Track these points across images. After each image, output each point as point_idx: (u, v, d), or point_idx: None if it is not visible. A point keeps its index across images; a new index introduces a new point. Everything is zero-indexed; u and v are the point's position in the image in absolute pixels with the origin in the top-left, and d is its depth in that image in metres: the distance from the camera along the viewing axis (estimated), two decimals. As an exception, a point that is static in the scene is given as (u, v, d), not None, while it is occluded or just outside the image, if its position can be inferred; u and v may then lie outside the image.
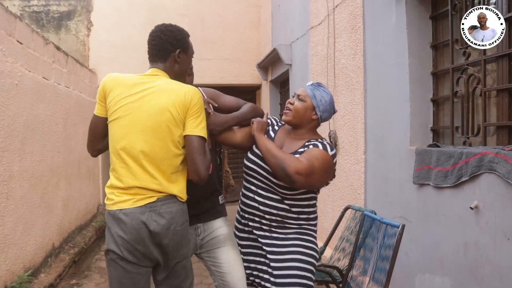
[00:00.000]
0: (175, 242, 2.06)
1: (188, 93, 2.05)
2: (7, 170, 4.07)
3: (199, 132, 2.04)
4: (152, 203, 2.01)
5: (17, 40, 4.43)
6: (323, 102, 2.29)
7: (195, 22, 8.78)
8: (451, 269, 2.80)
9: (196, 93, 2.07)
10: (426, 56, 3.31)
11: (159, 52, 2.15)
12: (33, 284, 4.37)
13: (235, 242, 2.45)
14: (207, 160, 2.05)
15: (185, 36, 2.20)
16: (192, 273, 2.23)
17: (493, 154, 2.40)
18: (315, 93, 2.30)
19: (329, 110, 2.31)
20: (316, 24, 5.22)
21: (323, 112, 2.30)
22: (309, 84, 2.35)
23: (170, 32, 2.15)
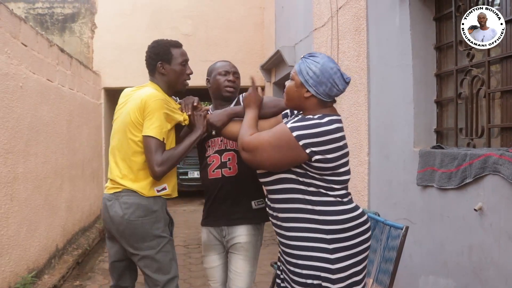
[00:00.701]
0: (131, 232, 2.33)
1: (144, 99, 2.32)
2: (12, 171, 4.08)
3: (149, 132, 2.28)
4: (117, 193, 2.36)
5: (22, 42, 4.45)
6: (311, 75, 1.95)
7: (199, 24, 8.80)
8: (455, 271, 2.79)
9: (150, 98, 2.31)
10: (430, 57, 3.30)
11: (148, 67, 2.52)
12: (36, 285, 4.38)
13: (251, 253, 2.45)
14: (157, 157, 2.25)
15: (167, 48, 2.44)
16: (173, 270, 2.38)
17: (497, 156, 2.39)
18: (301, 67, 1.99)
19: (324, 81, 1.93)
20: (319, 26, 5.22)
21: (316, 86, 1.94)
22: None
23: (152, 48, 2.48)
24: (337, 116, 2.00)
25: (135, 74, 8.21)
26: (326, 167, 1.91)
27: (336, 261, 1.89)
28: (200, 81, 8.88)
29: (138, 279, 2.70)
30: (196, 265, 5.26)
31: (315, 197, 1.92)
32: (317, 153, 1.88)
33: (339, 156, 1.94)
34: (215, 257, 2.65)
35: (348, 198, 2.00)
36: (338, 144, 1.93)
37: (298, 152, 1.87)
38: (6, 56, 4.03)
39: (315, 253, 1.91)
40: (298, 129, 1.88)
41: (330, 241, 1.90)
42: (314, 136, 1.88)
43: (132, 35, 8.60)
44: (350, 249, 1.92)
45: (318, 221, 1.91)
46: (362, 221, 1.98)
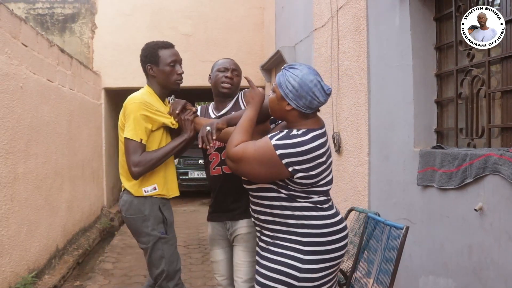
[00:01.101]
0: (128, 226, 2.55)
1: (125, 103, 2.47)
2: (12, 172, 4.08)
3: (126, 134, 2.41)
4: (123, 190, 2.56)
5: (22, 42, 4.45)
6: (290, 89, 1.93)
7: (198, 24, 8.80)
8: (455, 271, 2.79)
9: (128, 102, 2.45)
10: (430, 57, 3.30)
11: (143, 70, 2.59)
12: (37, 285, 4.39)
13: (251, 244, 2.48)
14: (134, 158, 2.37)
15: (154, 51, 2.50)
16: (163, 266, 2.48)
17: (498, 156, 2.39)
18: (281, 80, 1.97)
19: (303, 95, 1.92)
20: (319, 26, 5.22)
21: (296, 100, 1.93)
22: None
23: (142, 51, 2.55)
24: (319, 129, 2.01)
25: (135, 74, 8.21)
26: (309, 183, 1.96)
27: (307, 262, 1.94)
28: (199, 81, 8.94)
29: (138, 279, 2.71)
30: (196, 265, 5.26)
31: (293, 203, 1.97)
32: (300, 170, 1.92)
33: (322, 171, 1.98)
34: (220, 251, 2.71)
35: (328, 205, 2.03)
36: (321, 159, 1.96)
37: (281, 170, 1.91)
38: (6, 56, 4.03)
39: (288, 252, 1.96)
40: (281, 148, 1.90)
41: (305, 244, 1.95)
42: (297, 155, 1.90)
43: (132, 35, 8.60)
44: (324, 253, 1.97)
45: (295, 225, 1.97)
46: (338, 228, 2.01)
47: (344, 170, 4.54)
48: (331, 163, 2.07)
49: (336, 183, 4.74)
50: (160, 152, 2.44)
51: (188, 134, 2.49)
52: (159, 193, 2.50)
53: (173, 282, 2.52)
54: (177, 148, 2.49)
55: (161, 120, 2.47)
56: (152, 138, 2.48)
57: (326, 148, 2.00)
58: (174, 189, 2.62)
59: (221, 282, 2.73)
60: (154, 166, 2.44)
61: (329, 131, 4.74)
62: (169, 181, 2.57)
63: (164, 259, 2.49)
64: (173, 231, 2.59)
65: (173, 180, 2.60)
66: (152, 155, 2.42)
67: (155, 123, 2.45)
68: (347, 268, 3.22)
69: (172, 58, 2.51)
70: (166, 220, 2.52)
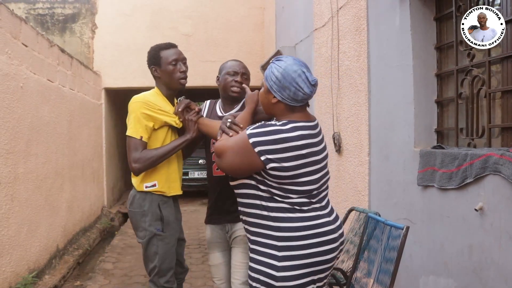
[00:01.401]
0: (130, 218, 2.65)
1: (129, 103, 2.54)
2: (12, 172, 4.09)
3: (127, 132, 2.51)
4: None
5: (22, 43, 4.45)
6: (274, 80, 1.91)
7: (199, 24, 8.80)
8: (456, 271, 2.79)
9: (131, 101, 2.53)
10: (430, 57, 3.30)
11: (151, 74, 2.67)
12: (37, 285, 4.39)
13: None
14: (134, 154, 2.45)
15: (156, 52, 2.59)
16: (156, 261, 2.54)
17: (498, 156, 2.39)
18: (266, 73, 1.96)
19: (287, 85, 1.89)
20: (320, 26, 5.22)
21: (280, 91, 1.90)
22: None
23: (147, 55, 2.64)
24: (306, 122, 1.94)
25: (136, 75, 8.23)
26: (283, 176, 1.87)
27: (282, 269, 1.85)
28: (199, 81, 8.95)
29: (138, 279, 2.75)
30: (196, 265, 5.26)
31: (271, 203, 1.90)
32: (272, 160, 1.84)
33: (299, 165, 1.88)
34: (219, 255, 2.70)
35: (310, 207, 1.92)
36: (299, 152, 1.87)
37: (254, 159, 1.85)
38: (6, 56, 4.03)
39: (265, 258, 1.90)
40: (255, 136, 1.86)
41: (280, 248, 1.87)
42: (270, 143, 1.84)
43: (133, 35, 8.60)
44: (300, 259, 1.87)
45: (271, 227, 1.90)
46: (320, 232, 1.91)
47: (345, 170, 4.54)
48: (319, 162, 1.97)
49: (336, 183, 4.73)
50: (161, 150, 2.50)
51: (190, 134, 2.52)
52: (159, 190, 2.56)
53: (164, 279, 2.57)
54: (178, 147, 2.54)
55: (163, 118, 2.53)
56: (155, 136, 2.54)
57: (308, 141, 1.91)
58: (176, 188, 2.66)
59: (220, 285, 2.71)
60: (154, 164, 2.50)
61: (329, 131, 4.74)
62: (171, 179, 2.61)
63: (157, 255, 2.55)
64: (172, 230, 2.61)
65: (175, 179, 2.65)
66: (153, 152, 2.48)
67: (157, 121, 2.52)
68: (347, 268, 3.22)
69: (173, 57, 2.56)
70: (164, 218, 2.56)
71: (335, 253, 1.96)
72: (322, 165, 2.00)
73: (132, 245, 6.34)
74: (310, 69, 1.97)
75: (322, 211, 1.96)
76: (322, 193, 2.01)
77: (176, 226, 2.67)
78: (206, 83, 8.15)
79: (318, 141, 1.97)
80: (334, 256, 1.96)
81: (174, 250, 2.65)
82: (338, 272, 3.20)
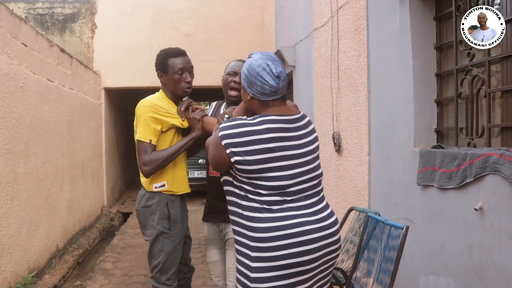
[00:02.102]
0: (138, 218, 2.70)
1: (136, 107, 2.60)
2: (12, 171, 4.08)
3: (136, 136, 2.57)
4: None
5: (22, 42, 4.45)
6: (244, 77, 1.93)
7: (199, 24, 8.81)
8: (456, 271, 2.79)
9: (138, 105, 2.59)
10: (430, 57, 3.30)
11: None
12: (37, 285, 4.39)
13: None
14: (144, 157, 2.52)
15: (164, 59, 2.63)
16: (160, 258, 2.59)
17: (498, 156, 2.39)
18: (241, 71, 1.99)
19: (253, 81, 1.89)
20: (319, 25, 5.22)
21: (249, 87, 1.91)
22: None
23: (155, 59, 2.68)
24: (280, 116, 1.89)
25: (135, 75, 8.23)
26: (247, 170, 1.84)
27: (255, 270, 1.82)
28: (200, 81, 8.94)
29: (138, 279, 2.77)
30: (196, 265, 5.24)
31: (244, 201, 1.88)
32: (236, 153, 1.83)
33: (265, 159, 1.83)
34: (215, 252, 2.73)
35: (281, 206, 1.85)
36: (264, 145, 1.83)
37: (222, 152, 1.86)
38: (6, 56, 4.03)
39: (242, 258, 1.88)
40: (223, 129, 1.87)
41: (253, 249, 1.83)
42: (235, 136, 1.84)
43: (133, 35, 8.60)
44: (272, 260, 1.80)
45: (246, 226, 1.86)
46: (292, 232, 1.81)
47: (344, 170, 4.54)
48: (294, 158, 1.89)
49: (336, 182, 4.73)
50: (168, 151, 2.56)
51: (196, 133, 2.58)
52: (168, 190, 2.63)
53: (166, 276, 2.62)
54: (185, 146, 2.60)
55: (170, 121, 2.60)
56: (163, 138, 2.60)
57: (277, 135, 1.86)
58: (184, 187, 2.73)
59: (217, 282, 2.74)
60: (163, 164, 2.56)
61: (329, 131, 4.74)
62: (178, 178, 2.68)
63: (162, 253, 2.60)
64: (179, 228, 2.66)
65: (182, 178, 2.71)
66: (161, 154, 2.55)
67: (165, 124, 2.59)
68: (347, 268, 3.22)
69: (179, 67, 2.61)
70: (171, 217, 2.62)
71: (316, 254, 1.85)
72: (302, 161, 1.92)
73: (132, 245, 6.34)
74: (279, 62, 1.94)
75: (301, 210, 1.87)
76: (307, 191, 1.92)
77: (183, 225, 2.72)
78: (206, 82, 8.15)
79: (294, 135, 1.92)
80: (315, 257, 1.85)
81: (180, 249, 2.70)
82: (338, 272, 3.20)
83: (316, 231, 1.86)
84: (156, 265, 2.61)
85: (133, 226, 7.40)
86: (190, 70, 2.66)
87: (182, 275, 2.88)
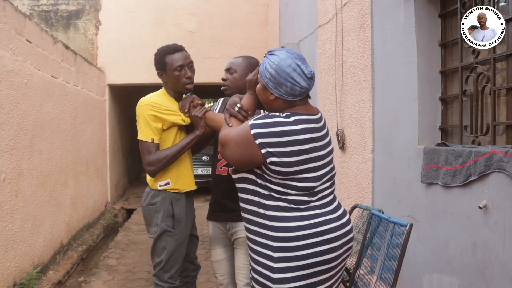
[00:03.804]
0: (143, 214, 2.69)
1: (136, 106, 2.58)
2: (17, 168, 4.10)
3: (138, 136, 2.56)
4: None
5: (27, 39, 4.46)
6: (269, 77, 1.82)
7: (203, 21, 8.80)
8: (459, 269, 2.78)
9: (138, 105, 2.56)
10: (434, 54, 3.29)
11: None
12: (41, 280, 4.41)
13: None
14: (148, 158, 2.50)
15: (161, 57, 2.58)
16: (163, 256, 2.59)
17: (502, 153, 2.38)
18: (261, 69, 1.88)
19: (282, 82, 1.79)
20: (324, 22, 5.20)
21: (276, 88, 1.81)
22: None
23: (154, 57, 2.64)
24: (309, 115, 1.86)
25: (139, 71, 8.23)
26: (283, 172, 1.78)
27: (277, 271, 1.78)
28: (203, 78, 8.93)
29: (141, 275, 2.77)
30: (200, 261, 5.23)
31: (268, 201, 1.82)
32: (273, 154, 1.75)
33: (301, 161, 1.79)
34: (221, 250, 2.70)
35: (307, 206, 1.83)
36: (301, 146, 1.79)
37: (255, 151, 1.77)
38: (11, 52, 4.04)
39: (261, 259, 1.83)
40: (257, 127, 1.78)
41: (275, 249, 1.80)
42: (273, 135, 1.76)
43: (137, 32, 8.61)
44: (296, 260, 1.78)
45: (267, 226, 1.82)
46: (317, 231, 1.81)
47: (348, 167, 4.53)
48: (323, 158, 1.88)
49: (339, 180, 4.73)
50: (172, 150, 2.54)
51: (199, 131, 2.54)
52: (173, 188, 2.62)
53: (168, 274, 2.60)
54: (189, 145, 2.57)
55: (170, 119, 2.56)
56: (165, 136, 2.58)
57: (312, 136, 1.82)
58: (189, 184, 2.72)
59: (222, 281, 2.72)
60: (168, 163, 2.54)
61: (333, 128, 4.74)
62: (182, 176, 2.66)
63: (165, 251, 2.59)
64: (183, 227, 2.64)
65: (187, 175, 2.70)
66: (165, 153, 2.53)
67: (165, 122, 2.55)
68: (350, 265, 3.22)
69: (178, 63, 2.55)
70: (175, 215, 2.60)
71: (338, 252, 1.87)
72: (326, 161, 1.91)
73: (136, 241, 6.36)
74: (305, 60, 1.88)
75: (323, 209, 1.87)
76: (326, 190, 1.91)
77: (187, 223, 2.69)
78: (210, 79, 8.15)
79: (322, 135, 1.89)
80: (337, 255, 1.86)
81: (183, 248, 2.68)
82: (341, 269, 3.21)
83: (338, 229, 1.87)
84: (158, 263, 2.61)
85: (137, 222, 7.43)
86: (190, 65, 2.60)
87: (188, 273, 2.87)
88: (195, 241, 2.90)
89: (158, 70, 2.62)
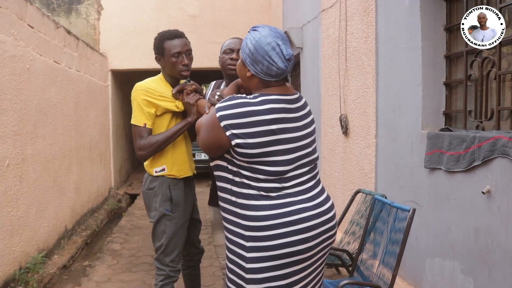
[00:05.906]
0: (143, 199, 2.72)
1: (131, 91, 2.59)
2: (20, 153, 4.11)
3: (131, 120, 2.57)
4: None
5: (28, 24, 4.44)
6: (247, 52, 1.75)
7: (205, 5, 8.73)
8: (462, 254, 2.79)
9: (133, 90, 2.57)
10: (439, 39, 3.25)
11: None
12: (46, 265, 4.46)
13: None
14: (138, 142, 2.51)
15: (160, 42, 2.58)
16: (163, 240, 2.61)
17: (507, 139, 2.37)
18: (242, 44, 1.80)
19: (259, 59, 1.72)
20: (327, 6, 5.15)
21: (253, 65, 1.75)
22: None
23: (153, 41, 2.62)
24: (281, 95, 1.77)
25: (142, 56, 8.20)
26: (249, 153, 1.71)
27: (250, 261, 1.72)
28: (206, 63, 8.88)
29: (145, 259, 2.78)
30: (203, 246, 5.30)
31: (239, 188, 1.76)
32: (237, 136, 1.70)
33: (267, 142, 1.72)
34: (222, 235, 2.67)
35: (280, 193, 1.75)
36: (267, 127, 1.71)
37: (220, 134, 1.72)
38: (13, 38, 4.03)
39: (235, 248, 1.78)
40: (222, 109, 1.72)
41: (247, 238, 1.73)
42: (236, 116, 1.70)
43: (139, 16, 8.55)
44: (267, 250, 1.71)
45: (239, 215, 1.76)
46: (289, 220, 1.72)
47: (351, 152, 4.53)
48: (295, 141, 1.80)
49: (343, 165, 4.73)
50: (163, 136, 2.53)
51: (191, 118, 2.51)
52: (169, 174, 2.62)
53: (170, 258, 2.63)
54: (180, 132, 2.55)
55: (163, 105, 2.55)
56: (159, 122, 2.57)
57: (280, 116, 1.74)
58: (186, 170, 2.70)
59: (225, 265, 2.74)
60: (158, 149, 2.54)
61: (336, 113, 4.72)
62: (178, 162, 2.65)
63: (165, 235, 2.62)
64: (182, 211, 2.66)
65: (183, 161, 2.68)
66: (156, 138, 2.52)
67: (159, 108, 2.55)
68: (353, 250, 3.24)
69: (176, 50, 2.53)
70: (173, 199, 2.62)
71: (314, 241, 1.77)
72: (300, 144, 1.82)
73: (140, 226, 6.41)
74: (288, 41, 1.81)
75: (297, 196, 1.78)
76: (302, 176, 1.82)
77: (186, 207, 2.70)
78: (213, 64, 8.10)
79: (296, 116, 1.81)
80: (312, 245, 1.76)
81: (183, 231, 2.70)
82: (344, 254, 3.22)
83: (314, 217, 1.77)
84: (159, 247, 2.63)
85: (140, 207, 7.47)
86: (188, 53, 2.57)
87: (191, 257, 2.91)
88: (197, 225, 2.92)
89: (156, 54, 2.61)
